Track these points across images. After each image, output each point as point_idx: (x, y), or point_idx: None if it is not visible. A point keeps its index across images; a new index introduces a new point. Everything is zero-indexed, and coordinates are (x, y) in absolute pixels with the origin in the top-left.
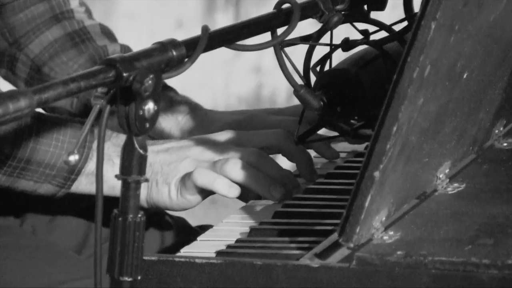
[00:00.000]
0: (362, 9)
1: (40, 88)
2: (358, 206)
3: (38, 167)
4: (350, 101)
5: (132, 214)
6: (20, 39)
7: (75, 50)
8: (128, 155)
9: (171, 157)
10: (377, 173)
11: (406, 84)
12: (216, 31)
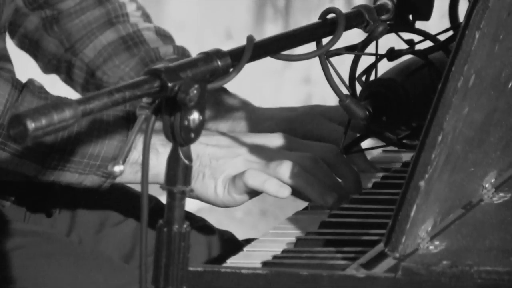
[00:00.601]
0: (407, 19)
1: (85, 98)
2: (404, 216)
3: (82, 159)
4: (395, 110)
5: (178, 225)
6: (75, 44)
7: (127, 53)
8: (174, 165)
9: (221, 152)
10: (423, 183)
11: (451, 94)
12: (261, 41)
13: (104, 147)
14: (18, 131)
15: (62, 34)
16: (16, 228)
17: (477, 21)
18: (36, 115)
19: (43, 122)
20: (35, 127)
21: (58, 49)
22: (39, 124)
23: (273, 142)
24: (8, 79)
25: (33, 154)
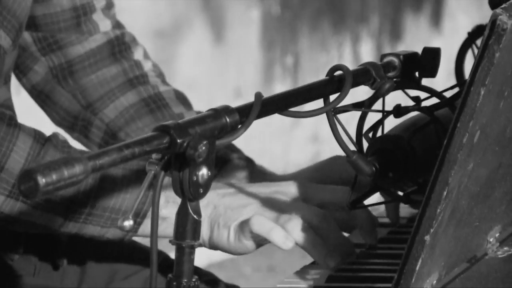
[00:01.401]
0: (414, 76)
1: (95, 154)
2: (409, 270)
3: (103, 212)
4: (402, 166)
5: (187, 279)
6: (95, 104)
7: (151, 117)
8: (182, 220)
9: (236, 201)
10: (428, 237)
11: (456, 149)
12: (269, 97)
13: (125, 201)
14: (29, 186)
15: (77, 89)
16: (26, 283)
17: (482, 78)
18: (47, 171)
19: (54, 178)
20: (45, 183)
21: (72, 105)
22: (49, 179)
23: (288, 190)
24: (30, 133)
25: (55, 207)
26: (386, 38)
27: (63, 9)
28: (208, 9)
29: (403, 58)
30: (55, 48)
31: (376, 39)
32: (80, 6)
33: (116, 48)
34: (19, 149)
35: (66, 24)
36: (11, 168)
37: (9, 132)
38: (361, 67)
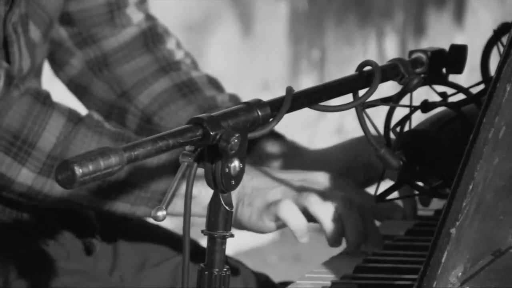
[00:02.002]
0: (441, 72)
1: (130, 146)
2: (435, 262)
3: (133, 189)
4: (428, 160)
5: (218, 268)
6: (129, 91)
7: (184, 100)
8: (214, 211)
9: (263, 183)
10: (454, 230)
11: (482, 144)
12: (300, 92)
13: (154, 181)
14: (66, 176)
15: (112, 79)
16: (61, 267)
17: (508, 74)
18: (84, 161)
19: (90, 168)
20: (82, 173)
21: (108, 94)
22: (86, 170)
23: (315, 179)
24: (63, 112)
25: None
26: (410, 33)
27: (97, 4)
28: (237, 3)
29: (431, 54)
30: (90, 42)
31: (400, 34)
32: (114, 1)
33: (149, 39)
34: (52, 127)
35: (100, 19)
36: (42, 147)
37: (43, 111)
38: (389, 63)
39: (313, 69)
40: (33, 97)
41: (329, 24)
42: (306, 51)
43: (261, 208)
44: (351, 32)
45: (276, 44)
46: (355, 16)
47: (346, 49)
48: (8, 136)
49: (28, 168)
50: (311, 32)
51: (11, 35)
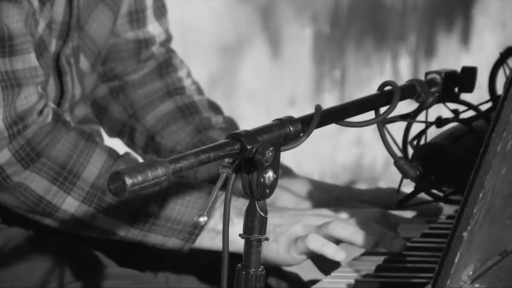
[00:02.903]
0: (453, 91)
1: (175, 158)
2: (449, 262)
3: (166, 222)
4: (443, 171)
5: (254, 268)
6: (138, 112)
7: (184, 121)
8: (251, 217)
9: (283, 220)
10: (466, 234)
11: (491, 157)
12: (328, 109)
13: (185, 214)
14: (117, 186)
15: (126, 102)
16: (111, 272)
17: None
18: (133, 173)
19: (139, 179)
20: (132, 183)
21: (122, 115)
22: (135, 180)
23: (323, 212)
24: (105, 149)
25: (123, 215)
26: (422, 54)
27: (128, 41)
28: (267, 28)
29: (444, 75)
30: (114, 78)
31: (413, 56)
32: (143, 40)
33: (164, 70)
34: (95, 161)
35: (128, 54)
36: (86, 177)
37: (87, 146)
38: (408, 83)
39: (335, 87)
40: (78, 133)
41: (349, 47)
42: (329, 71)
43: (287, 243)
44: (369, 54)
45: (301, 65)
46: (372, 39)
47: (365, 69)
48: (56, 167)
49: (72, 196)
50: (333, 53)
51: (65, 66)
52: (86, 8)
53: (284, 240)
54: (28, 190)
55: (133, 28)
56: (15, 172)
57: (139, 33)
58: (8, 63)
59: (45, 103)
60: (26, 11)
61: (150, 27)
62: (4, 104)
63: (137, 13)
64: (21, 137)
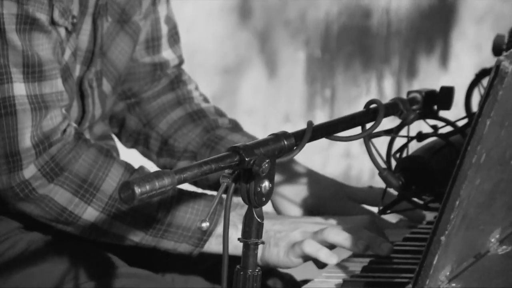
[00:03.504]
0: (433, 109)
1: (180, 169)
2: (428, 264)
3: (177, 229)
4: (423, 181)
5: (251, 269)
6: (152, 120)
7: (193, 124)
8: (249, 223)
9: (283, 227)
10: (443, 238)
11: (466, 168)
12: (318, 125)
13: (195, 222)
14: (128, 194)
15: (141, 113)
16: (122, 272)
17: (488, 111)
18: (142, 182)
19: (147, 188)
20: (141, 192)
21: (137, 125)
22: (144, 189)
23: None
24: (122, 164)
25: (138, 222)
26: (404, 75)
27: (144, 64)
28: (264, 51)
29: (425, 94)
30: (131, 96)
31: (396, 76)
32: (158, 64)
33: (175, 84)
34: (113, 175)
35: (144, 75)
36: (105, 190)
37: (106, 161)
38: (391, 101)
39: (326, 105)
40: (97, 150)
41: (338, 68)
42: (320, 90)
43: (286, 248)
44: (356, 75)
45: (295, 84)
46: (359, 61)
47: (352, 88)
48: (77, 180)
49: (92, 207)
50: (324, 74)
51: (87, 90)
52: (109, 36)
53: (283, 245)
54: (52, 202)
55: (149, 53)
56: (40, 185)
57: (154, 58)
58: (37, 88)
59: (68, 123)
60: (54, 40)
61: (165, 53)
62: (32, 124)
63: (153, 41)
64: (46, 154)
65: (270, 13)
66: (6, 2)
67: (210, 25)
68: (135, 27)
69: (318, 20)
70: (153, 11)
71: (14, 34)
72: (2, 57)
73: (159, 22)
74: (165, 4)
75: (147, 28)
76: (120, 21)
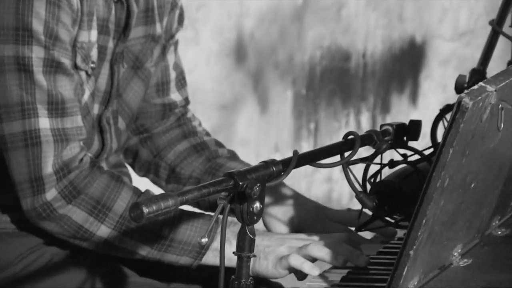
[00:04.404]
0: (403, 140)
1: (183, 192)
2: (399, 275)
3: (179, 244)
4: (394, 202)
5: (244, 279)
6: (161, 152)
7: (197, 154)
8: (242, 238)
9: (271, 242)
10: (412, 252)
11: (432, 191)
12: (303, 154)
13: (194, 237)
14: (137, 213)
15: (152, 146)
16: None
17: (451, 142)
18: (149, 203)
19: (154, 208)
20: (148, 211)
21: (149, 156)
22: (151, 209)
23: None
24: (131, 187)
25: (145, 239)
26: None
27: (155, 104)
28: (257, 90)
29: (396, 127)
30: (143, 131)
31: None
32: (167, 104)
33: (181, 121)
34: (123, 197)
35: (155, 114)
36: (116, 210)
37: (117, 185)
38: (366, 133)
39: (310, 137)
40: (109, 176)
41: (321, 105)
42: (305, 124)
43: (274, 261)
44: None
45: (284, 119)
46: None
47: (333, 122)
48: (92, 202)
49: (105, 225)
50: (309, 110)
51: (105, 126)
52: (124, 80)
53: (272, 258)
54: (70, 220)
55: (159, 96)
56: (60, 206)
57: (164, 100)
58: (60, 122)
59: (85, 153)
60: (75, 82)
61: (173, 95)
62: (54, 154)
63: (163, 85)
64: (65, 179)
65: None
66: (35, 47)
67: (210, 67)
68: (147, 73)
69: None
70: (163, 59)
71: (41, 75)
72: (30, 95)
73: (168, 69)
74: (173, 53)
75: (158, 73)
76: (134, 67)
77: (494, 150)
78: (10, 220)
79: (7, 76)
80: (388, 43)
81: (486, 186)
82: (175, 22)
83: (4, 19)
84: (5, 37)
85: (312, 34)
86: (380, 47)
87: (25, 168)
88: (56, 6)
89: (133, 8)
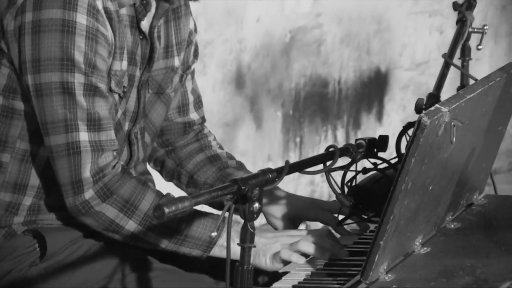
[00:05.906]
0: (373, 151)
1: (197, 195)
2: (371, 261)
3: (191, 239)
4: (367, 202)
5: (246, 265)
6: (182, 162)
7: (211, 165)
8: (244, 232)
9: (267, 241)
10: (382, 242)
11: (398, 193)
12: (293, 163)
13: (204, 234)
14: (159, 213)
15: (176, 157)
16: (155, 267)
17: (413, 153)
18: (169, 204)
19: (173, 208)
20: (168, 211)
21: (173, 165)
22: (171, 209)
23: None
24: (154, 191)
25: (164, 234)
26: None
27: (177, 123)
28: (253, 111)
29: (368, 141)
30: (168, 145)
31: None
32: (187, 122)
33: (199, 137)
34: (148, 198)
35: (177, 130)
36: (142, 208)
37: (143, 188)
38: (344, 146)
39: (296, 148)
40: (137, 181)
41: (305, 123)
42: (292, 138)
43: (270, 256)
44: (318, 127)
45: (275, 134)
46: (319, 118)
47: (315, 137)
48: (122, 201)
49: (133, 220)
50: (295, 127)
51: (133, 140)
52: (149, 103)
53: (268, 255)
54: (104, 216)
55: (180, 115)
56: (96, 204)
57: (184, 119)
58: (97, 136)
59: (117, 161)
60: (110, 103)
61: (191, 115)
62: (91, 161)
63: (183, 107)
64: (101, 182)
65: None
66: (77, 74)
67: (215, 93)
68: (168, 97)
69: (290, 89)
70: (182, 86)
71: (82, 97)
72: (72, 113)
73: (187, 93)
74: (190, 80)
75: (179, 97)
76: (157, 93)
77: (447, 159)
78: (55, 218)
79: (54, 98)
80: (359, 73)
81: (441, 188)
82: (191, 56)
83: (51, 51)
84: (52, 66)
85: (297, 66)
86: (352, 75)
87: (68, 172)
88: (94, 41)
89: (156, 45)
